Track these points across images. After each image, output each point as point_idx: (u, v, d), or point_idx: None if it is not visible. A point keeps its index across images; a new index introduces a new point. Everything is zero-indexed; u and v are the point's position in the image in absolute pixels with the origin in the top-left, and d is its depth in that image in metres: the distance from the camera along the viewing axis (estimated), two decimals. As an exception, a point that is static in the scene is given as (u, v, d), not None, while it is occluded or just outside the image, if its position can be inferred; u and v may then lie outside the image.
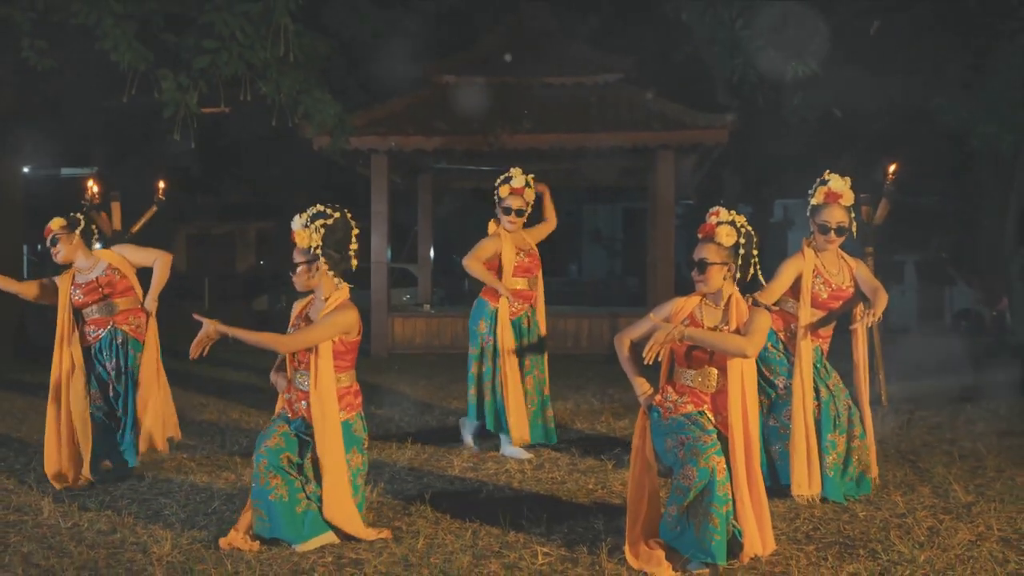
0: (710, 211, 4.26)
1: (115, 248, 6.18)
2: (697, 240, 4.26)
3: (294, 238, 4.43)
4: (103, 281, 5.88)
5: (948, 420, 7.85)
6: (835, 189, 5.17)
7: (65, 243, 5.89)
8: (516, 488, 5.58)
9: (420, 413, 8.37)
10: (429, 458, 6.38)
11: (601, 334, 13.73)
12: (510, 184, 6.59)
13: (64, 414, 5.67)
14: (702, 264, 4.20)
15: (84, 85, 13.99)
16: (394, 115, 13.70)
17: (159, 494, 5.34)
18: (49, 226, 5.96)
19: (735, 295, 4.29)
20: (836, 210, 5.19)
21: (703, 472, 4.02)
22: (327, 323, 4.40)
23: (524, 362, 6.60)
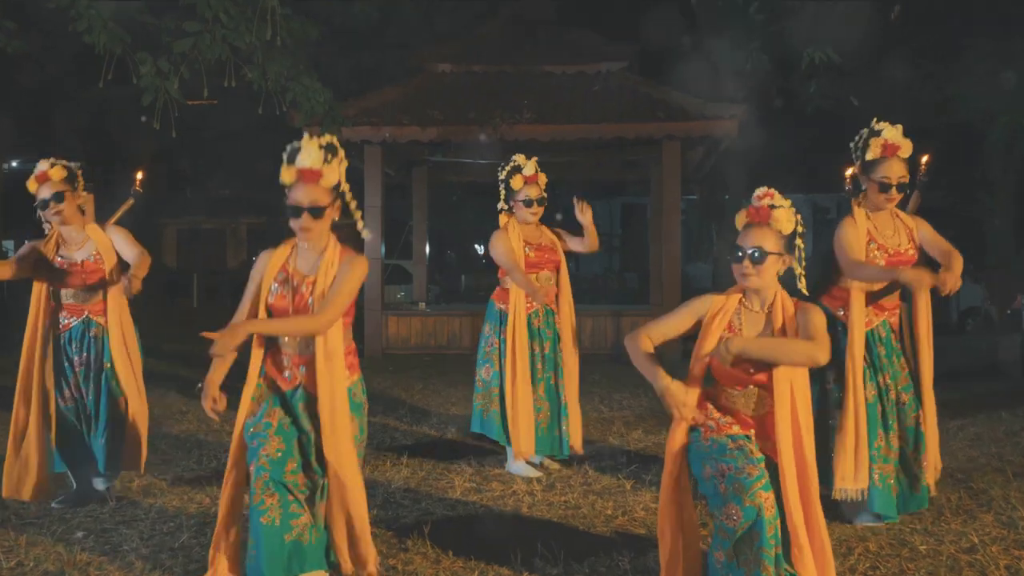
0: (759, 193, 3.54)
1: (108, 230, 5.27)
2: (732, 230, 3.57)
3: (306, 176, 3.59)
4: (89, 267, 5.10)
5: (987, 431, 7.26)
6: (892, 140, 4.54)
7: (69, 202, 5.08)
8: (526, 514, 4.97)
9: (416, 422, 7.76)
10: (427, 476, 5.77)
11: (604, 333, 13.15)
12: (522, 173, 5.94)
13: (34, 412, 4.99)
14: (759, 254, 3.48)
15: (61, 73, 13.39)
16: (388, 104, 13.13)
17: (121, 522, 4.71)
18: (46, 173, 5.01)
19: (781, 295, 3.56)
20: (895, 164, 4.57)
21: (749, 511, 3.37)
22: (353, 277, 3.68)
23: (536, 367, 5.96)
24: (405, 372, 10.86)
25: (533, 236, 6.03)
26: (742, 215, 3.54)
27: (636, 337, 3.54)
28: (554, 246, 6.06)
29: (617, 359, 12.19)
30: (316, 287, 3.71)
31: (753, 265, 3.47)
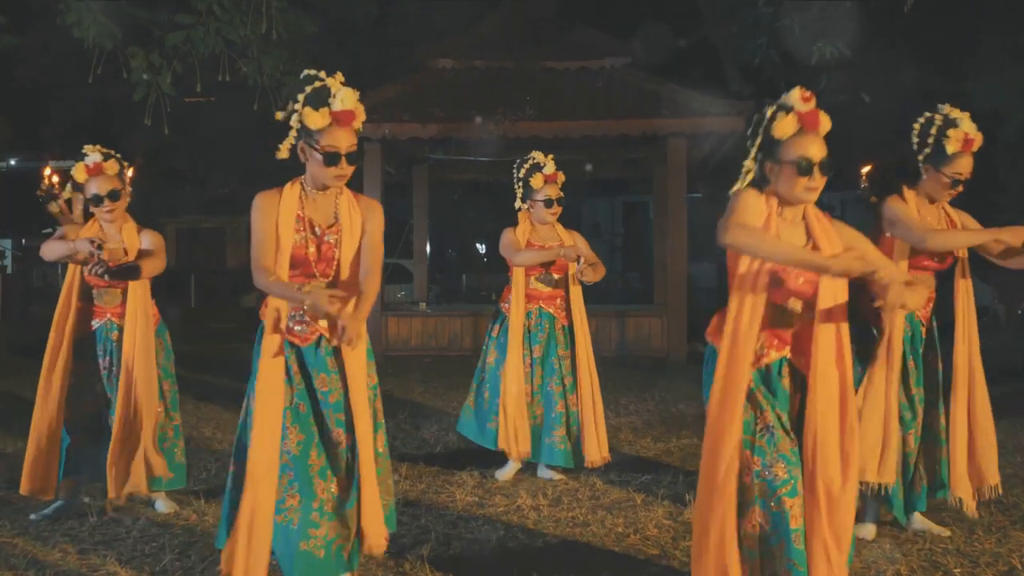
0: (804, 95, 3.19)
1: (142, 234, 4.97)
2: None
3: (344, 119, 3.38)
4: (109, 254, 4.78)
5: (1009, 437, 6.98)
6: (972, 135, 4.18)
7: (123, 199, 4.89)
8: (531, 530, 4.68)
9: (416, 428, 7.48)
10: (427, 489, 5.48)
11: (609, 334, 12.88)
12: (542, 172, 5.68)
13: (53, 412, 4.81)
14: (827, 164, 3.15)
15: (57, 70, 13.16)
16: (388, 101, 12.86)
17: (100, 542, 4.43)
18: (100, 166, 4.75)
19: (811, 208, 3.27)
20: (968, 160, 4.24)
21: (775, 517, 3.12)
22: (380, 226, 3.60)
23: (533, 374, 5.76)
24: (405, 374, 10.60)
25: (544, 237, 5.79)
26: (790, 120, 3.16)
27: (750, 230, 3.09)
28: (561, 246, 5.78)
29: (623, 361, 11.93)
30: (343, 238, 3.53)
31: (823, 175, 3.15)
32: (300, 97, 3.39)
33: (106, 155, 4.83)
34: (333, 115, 3.35)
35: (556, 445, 5.69)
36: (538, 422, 5.74)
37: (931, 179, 4.31)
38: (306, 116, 3.36)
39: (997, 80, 12.14)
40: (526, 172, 5.71)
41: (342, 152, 3.42)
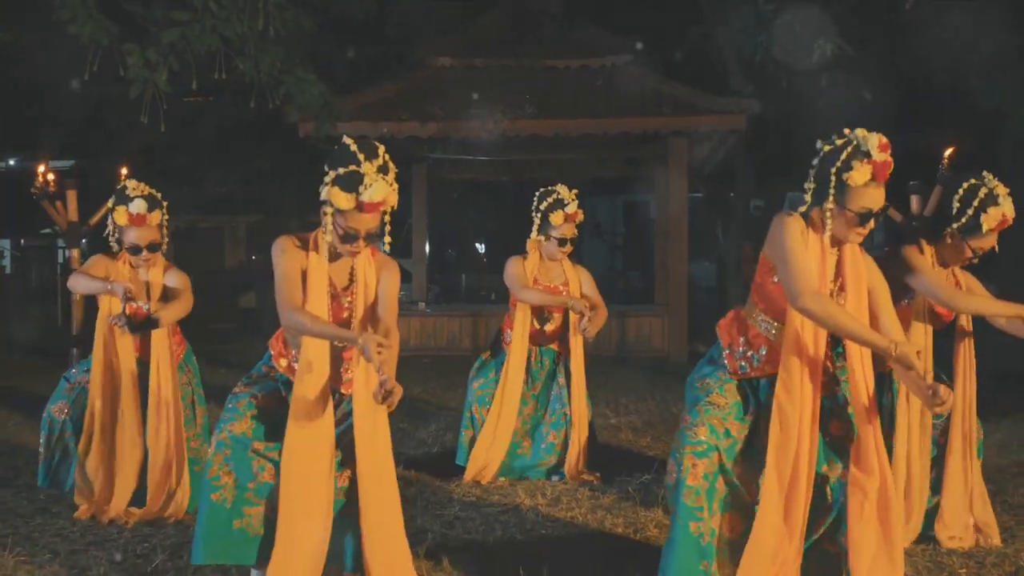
0: (883, 143, 3.21)
1: (166, 274, 5.02)
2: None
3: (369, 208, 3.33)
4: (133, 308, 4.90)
5: (1012, 437, 6.95)
6: (1008, 215, 4.12)
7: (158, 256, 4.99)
8: (529, 531, 4.62)
9: (414, 428, 7.42)
10: (423, 489, 5.42)
11: (609, 335, 12.79)
12: (564, 211, 5.57)
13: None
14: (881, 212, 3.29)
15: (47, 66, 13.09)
16: (386, 99, 12.85)
17: (92, 543, 4.35)
18: (144, 217, 4.80)
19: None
20: (994, 238, 4.18)
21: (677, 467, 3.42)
22: (396, 287, 3.66)
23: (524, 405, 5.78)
24: (403, 375, 10.33)
25: (551, 275, 5.77)
26: (866, 170, 3.20)
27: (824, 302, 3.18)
28: (565, 287, 5.75)
29: (623, 362, 11.87)
30: (356, 299, 3.57)
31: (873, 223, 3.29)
32: (331, 174, 3.34)
33: (151, 202, 4.84)
34: (359, 202, 3.32)
35: (540, 468, 5.73)
36: (524, 451, 5.77)
37: (954, 246, 4.24)
38: (333, 195, 3.33)
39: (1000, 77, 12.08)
40: (548, 206, 5.61)
41: (360, 235, 3.41)
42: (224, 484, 3.48)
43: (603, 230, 29.40)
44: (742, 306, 3.59)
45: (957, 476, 4.36)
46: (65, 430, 5.08)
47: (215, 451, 3.51)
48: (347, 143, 3.39)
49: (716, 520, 3.36)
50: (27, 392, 9.00)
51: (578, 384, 5.73)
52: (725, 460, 3.37)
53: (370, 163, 3.32)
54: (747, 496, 3.39)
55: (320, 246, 3.51)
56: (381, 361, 3.18)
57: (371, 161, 3.33)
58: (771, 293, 3.38)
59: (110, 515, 4.74)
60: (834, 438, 3.40)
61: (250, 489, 3.51)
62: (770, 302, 3.41)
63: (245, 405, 3.57)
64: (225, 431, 3.52)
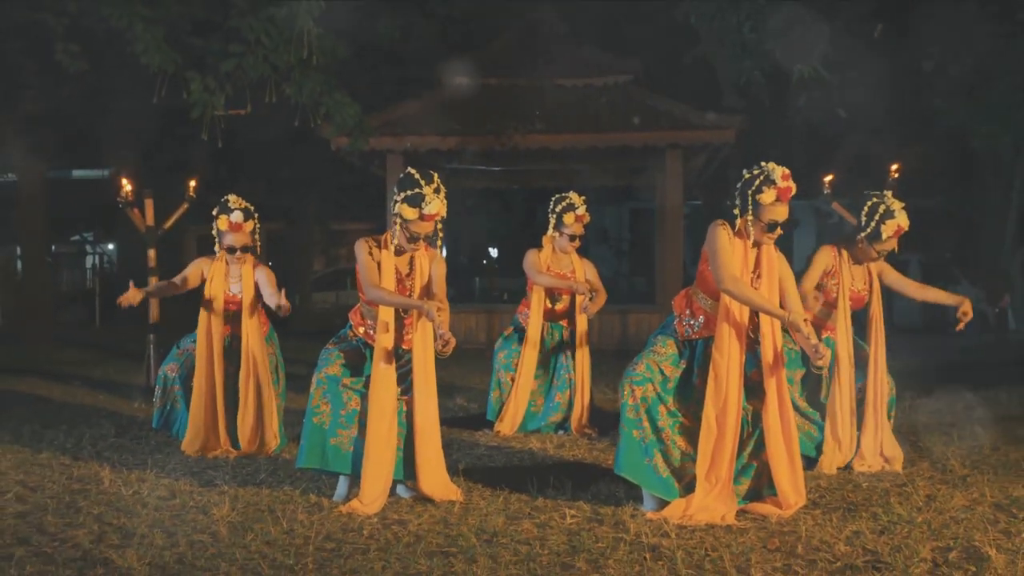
0: (780, 174, 4.53)
1: (258, 271, 6.32)
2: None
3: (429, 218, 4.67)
4: (231, 298, 6.28)
5: (948, 406, 8.19)
6: (903, 226, 5.54)
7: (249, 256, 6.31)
8: (540, 462, 5.95)
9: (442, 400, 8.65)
10: (455, 439, 6.75)
11: (612, 330, 14.10)
12: (575, 212, 7.00)
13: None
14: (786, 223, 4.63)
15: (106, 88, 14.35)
16: (409, 116, 14.07)
17: (207, 467, 5.71)
18: (241, 225, 6.14)
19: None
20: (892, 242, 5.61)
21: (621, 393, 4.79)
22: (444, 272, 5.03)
23: (539, 371, 7.17)
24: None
25: (562, 264, 7.14)
26: (772, 193, 4.51)
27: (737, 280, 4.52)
28: (573, 274, 7.12)
29: (625, 354, 13.10)
30: (415, 282, 4.91)
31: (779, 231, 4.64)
32: (400, 195, 4.69)
33: (246, 213, 6.16)
34: (421, 214, 4.67)
35: (549, 424, 7.10)
36: (537, 409, 7.16)
37: (863, 249, 5.68)
38: (403, 210, 4.68)
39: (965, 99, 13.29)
40: (562, 208, 7.02)
41: (420, 237, 4.78)
42: (322, 411, 4.86)
43: (610, 236, 30.49)
44: (691, 287, 4.91)
45: (869, 422, 5.69)
46: (175, 385, 6.48)
47: (315, 388, 4.88)
48: (411, 172, 4.77)
49: (656, 432, 4.67)
50: (95, 376, 10.35)
51: (582, 354, 7.11)
52: (660, 391, 4.70)
53: (429, 186, 4.69)
54: (687, 422, 4.71)
55: (389, 245, 4.85)
56: (440, 321, 4.49)
57: (429, 185, 4.70)
58: (708, 278, 4.70)
59: (215, 452, 6.08)
60: (752, 383, 4.70)
61: (342, 416, 4.86)
62: (707, 285, 4.73)
63: (335, 356, 4.95)
64: (323, 373, 4.89)
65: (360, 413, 4.87)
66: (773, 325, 4.65)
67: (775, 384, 4.63)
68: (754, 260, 4.72)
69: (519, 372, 7.05)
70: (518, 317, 7.36)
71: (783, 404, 4.62)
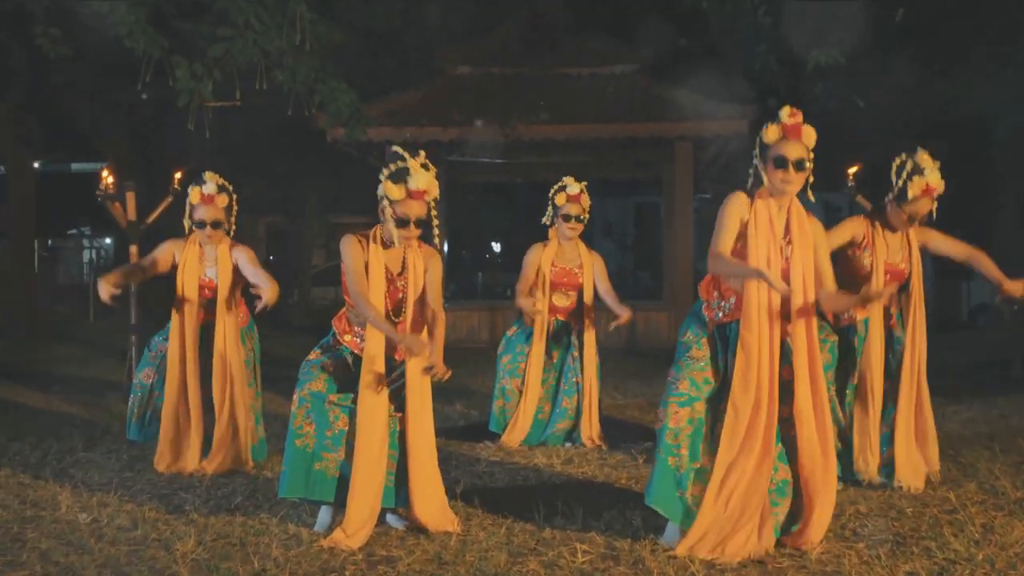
0: (789, 111, 4.04)
1: (233, 252, 5.74)
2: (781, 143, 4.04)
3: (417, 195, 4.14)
4: (207, 283, 5.72)
5: (981, 414, 7.68)
6: (933, 184, 4.98)
7: (222, 228, 5.70)
8: (547, 482, 5.41)
9: (442, 407, 8.16)
10: (455, 452, 6.22)
11: (618, 329, 13.51)
12: (566, 192, 6.55)
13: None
14: (801, 163, 4.01)
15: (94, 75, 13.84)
16: (409, 106, 13.56)
17: (179, 488, 5.17)
18: (213, 198, 5.59)
19: (795, 202, 4.15)
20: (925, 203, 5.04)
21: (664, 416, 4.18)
22: (440, 273, 4.48)
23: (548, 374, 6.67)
24: (427, 363, 11.24)
25: (568, 257, 6.63)
26: (776, 129, 4.02)
27: (718, 256, 4.01)
28: (580, 269, 6.60)
29: (632, 352, 12.61)
30: (409, 283, 4.33)
31: (796, 172, 4.00)
32: (384, 172, 4.19)
33: (221, 188, 5.64)
34: (408, 191, 4.15)
35: (556, 433, 6.56)
36: (544, 416, 6.63)
37: (893, 212, 5.12)
38: (387, 188, 4.16)
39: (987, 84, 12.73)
40: (553, 192, 6.58)
41: (411, 220, 4.20)
42: (306, 433, 4.31)
43: (614, 230, 29.99)
44: None
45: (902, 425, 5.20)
46: (154, 391, 5.91)
47: (298, 406, 4.33)
48: (396, 149, 4.23)
49: (695, 460, 4.10)
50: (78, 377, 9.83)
51: (589, 356, 6.58)
52: (705, 408, 4.14)
53: (414, 160, 4.17)
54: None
55: (377, 238, 4.30)
56: (431, 352, 4.10)
57: (415, 159, 4.18)
58: (735, 252, 4.13)
59: (188, 468, 5.53)
60: (783, 381, 4.13)
61: (327, 437, 4.30)
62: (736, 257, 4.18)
63: (319, 369, 4.38)
64: (305, 389, 4.33)
65: (348, 433, 4.33)
66: (806, 305, 4.11)
67: (809, 384, 4.08)
68: (783, 225, 4.15)
69: (527, 373, 6.53)
70: (522, 316, 6.78)
71: (820, 411, 4.08)
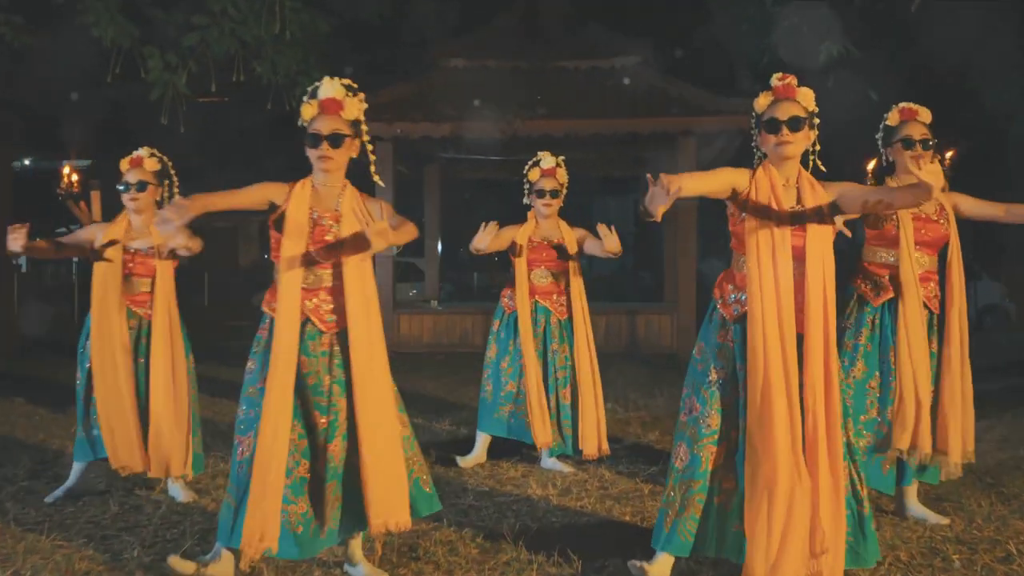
0: (779, 75, 3.74)
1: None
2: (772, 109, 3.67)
3: (328, 107, 3.68)
4: (139, 258, 5.10)
5: (1013, 432, 7.08)
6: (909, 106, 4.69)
7: (150, 193, 5.12)
8: (540, 519, 4.80)
9: (429, 422, 7.61)
10: (438, 480, 5.59)
11: (619, 331, 13.00)
12: (540, 166, 6.04)
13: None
14: (796, 121, 3.60)
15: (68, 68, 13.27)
16: (400, 100, 13.01)
17: (123, 528, 4.55)
18: (141, 159, 5.11)
19: (803, 171, 3.71)
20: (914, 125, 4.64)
21: (695, 460, 3.62)
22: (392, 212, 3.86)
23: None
24: (417, 371, 10.71)
25: (547, 234, 6.04)
26: (767, 95, 3.70)
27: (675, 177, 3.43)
28: (559, 245, 5.97)
29: (633, 358, 12.03)
30: (342, 223, 3.70)
31: (792, 132, 3.58)
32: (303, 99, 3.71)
33: (153, 154, 5.17)
34: (319, 104, 3.67)
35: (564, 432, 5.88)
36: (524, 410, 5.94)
37: (896, 158, 4.68)
38: (302, 111, 3.68)
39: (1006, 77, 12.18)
40: (527, 168, 6.08)
41: (323, 135, 3.65)
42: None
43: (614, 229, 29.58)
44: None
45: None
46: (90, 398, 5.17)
47: (243, 432, 3.69)
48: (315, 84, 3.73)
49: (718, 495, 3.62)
50: (48, 388, 9.22)
51: (582, 347, 5.94)
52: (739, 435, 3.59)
53: (330, 79, 3.72)
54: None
55: (307, 183, 3.76)
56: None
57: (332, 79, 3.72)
58: (739, 233, 3.67)
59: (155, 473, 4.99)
60: None
61: (287, 487, 3.58)
62: (740, 240, 3.67)
63: (259, 392, 3.71)
64: (252, 411, 3.67)
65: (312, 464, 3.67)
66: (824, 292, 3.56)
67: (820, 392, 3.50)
68: (794, 197, 3.64)
69: (527, 375, 5.84)
70: (502, 303, 6.16)
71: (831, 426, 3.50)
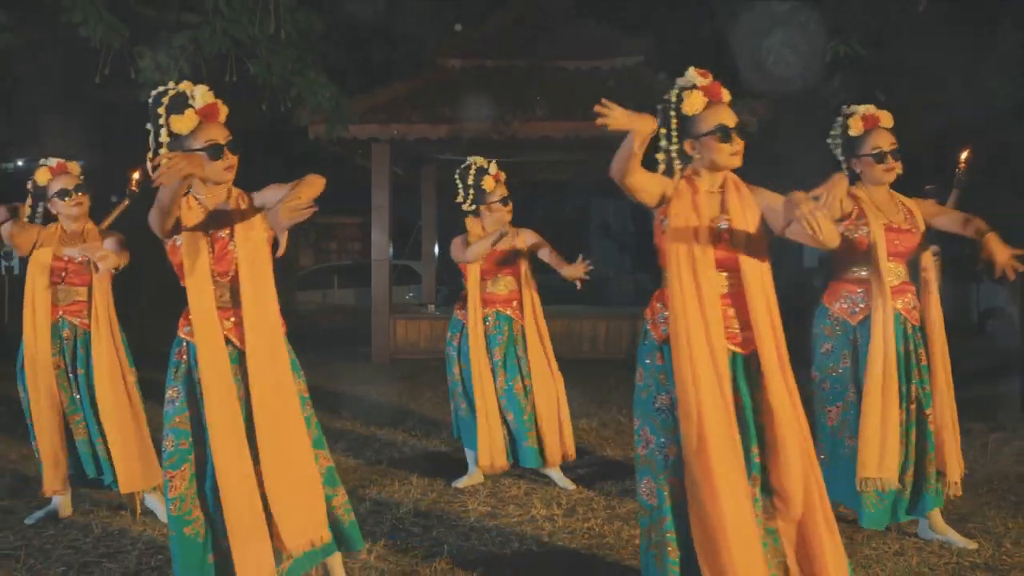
0: (699, 72, 3.36)
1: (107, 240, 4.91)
2: None
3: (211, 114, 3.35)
4: (73, 267, 4.84)
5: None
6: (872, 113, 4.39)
7: (86, 196, 4.94)
8: (546, 542, 4.56)
9: (427, 434, 7.37)
10: (439, 499, 5.37)
11: (620, 337, 12.74)
12: (490, 175, 5.70)
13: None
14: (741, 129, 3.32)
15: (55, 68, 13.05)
16: (396, 101, 12.76)
17: (104, 555, 4.30)
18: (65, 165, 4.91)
19: (732, 177, 3.37)
20: (881, 133, 4.36)
21: (660, 495, 3.29)
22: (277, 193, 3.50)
23: (496, 377, 5.66)
24: (414, 379, 10.48)
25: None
26: (697, 96, 3.31)
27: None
28: (516, 250, 5.74)
29: (634, 365, 11.78)
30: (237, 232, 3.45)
31: (731, 141, 3.29)
32: (160, 111, 3.30)
33: (69, 159, 4.96)
34: (199, 112, 3.31)
35: (530, 448, 5.61)
36: (512, 427, 5.67)
37: (862, 167, 4.39)
38: (174, 124, 3.29)
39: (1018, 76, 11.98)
40: (475, 178, 5.70)
41: (222, 142, 3.37)
42: (196, 518, 3.36)
43: (613, 231, 29.32)
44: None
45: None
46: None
47: (189, 484, 3.38)
48: (159, 89, 3.35)
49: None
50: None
51: (536, 355, 5.68)
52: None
53: (186, 84, 3.35)
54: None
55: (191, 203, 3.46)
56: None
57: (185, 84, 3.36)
58: (662, 246, 3.39)
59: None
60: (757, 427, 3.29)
61: (221, 520, 3.34)
62: (664, 257, 3.40)
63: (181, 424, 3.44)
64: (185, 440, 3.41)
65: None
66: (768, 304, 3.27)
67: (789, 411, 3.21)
68: (718, 205, 3.35)
69: (475, 381, 5.58)
70: (456, 316, 5.86)
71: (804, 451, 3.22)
